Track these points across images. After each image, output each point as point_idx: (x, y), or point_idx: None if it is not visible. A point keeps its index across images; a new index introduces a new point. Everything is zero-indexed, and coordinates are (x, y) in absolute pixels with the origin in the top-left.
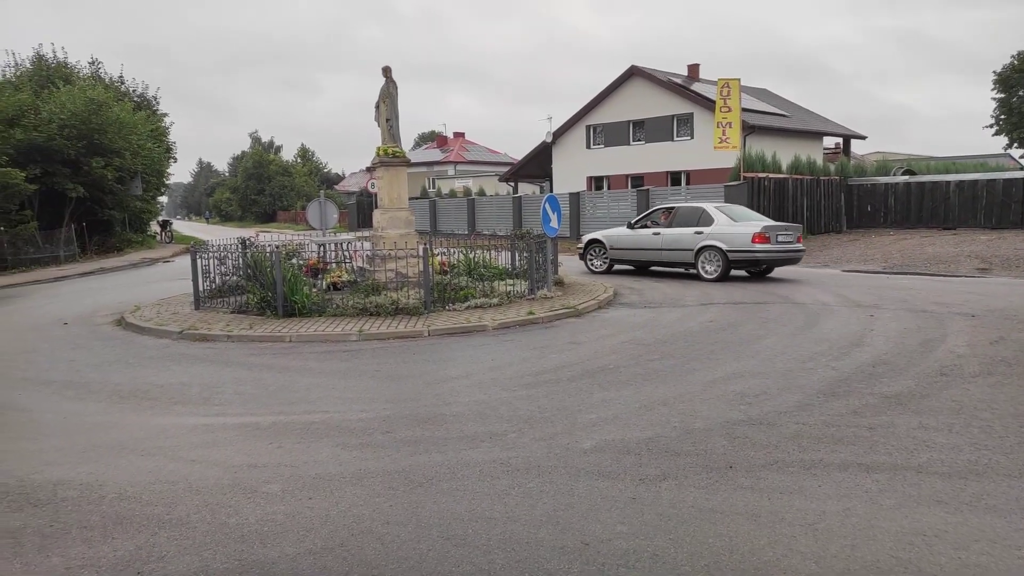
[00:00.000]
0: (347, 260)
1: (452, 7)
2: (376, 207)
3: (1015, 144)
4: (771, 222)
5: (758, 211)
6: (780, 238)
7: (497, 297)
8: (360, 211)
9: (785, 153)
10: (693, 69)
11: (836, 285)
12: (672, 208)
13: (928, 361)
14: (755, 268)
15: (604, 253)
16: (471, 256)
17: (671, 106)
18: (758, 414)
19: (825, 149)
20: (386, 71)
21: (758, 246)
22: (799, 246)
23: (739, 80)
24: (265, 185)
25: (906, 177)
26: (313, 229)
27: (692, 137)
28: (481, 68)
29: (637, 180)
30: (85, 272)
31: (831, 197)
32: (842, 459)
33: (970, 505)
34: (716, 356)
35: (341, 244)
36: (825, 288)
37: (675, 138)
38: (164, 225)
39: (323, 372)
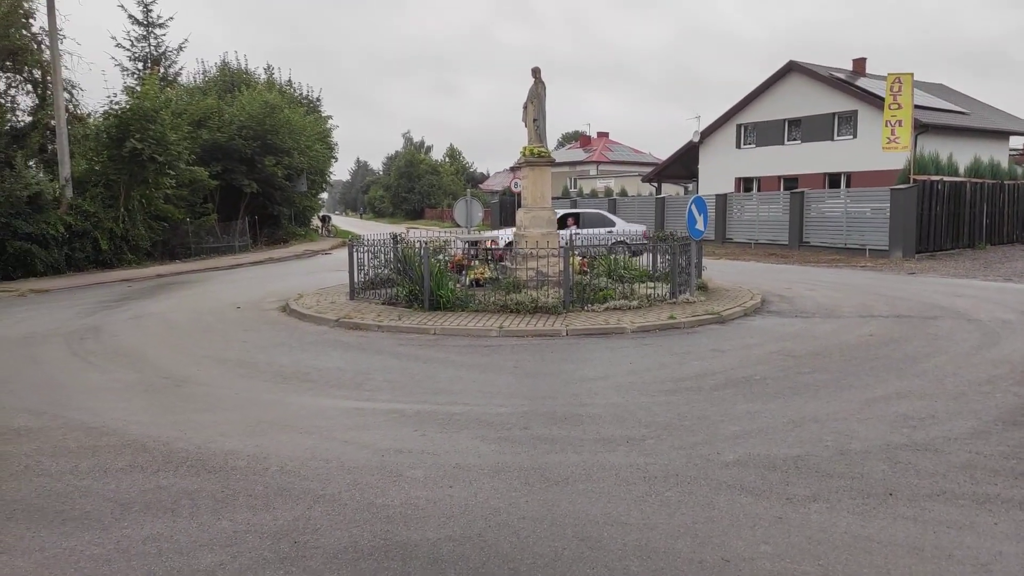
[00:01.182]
0: (490, 258)
1: (594, 6)
2: (519, 206)
3: None
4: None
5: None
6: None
7: (637, 299)
8: (503, 210)
9: (963, 154)
10: (859, 64)
11: (1019, 302)
12: (578, 213)
13: None
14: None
15: None
16: (611, 257)
17: (832, 103)
18: (924, 439)
19: (1012, 150)
20: (535, 72)
21: (644, 240)
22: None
23: (912, 75)
24: (415, 183)
25: None
26: (459, 226)
27: (855, 136)
28: (623, 67)
29: (790, 182)
30: (256, 261)
31: (1017, 203)
32: (1023, 495)
33: None
34: (876, 373)
35: (484, 242)
36: (1005, 305)
37: (835, 137)
38: (324, 220)
39: (464, 365)
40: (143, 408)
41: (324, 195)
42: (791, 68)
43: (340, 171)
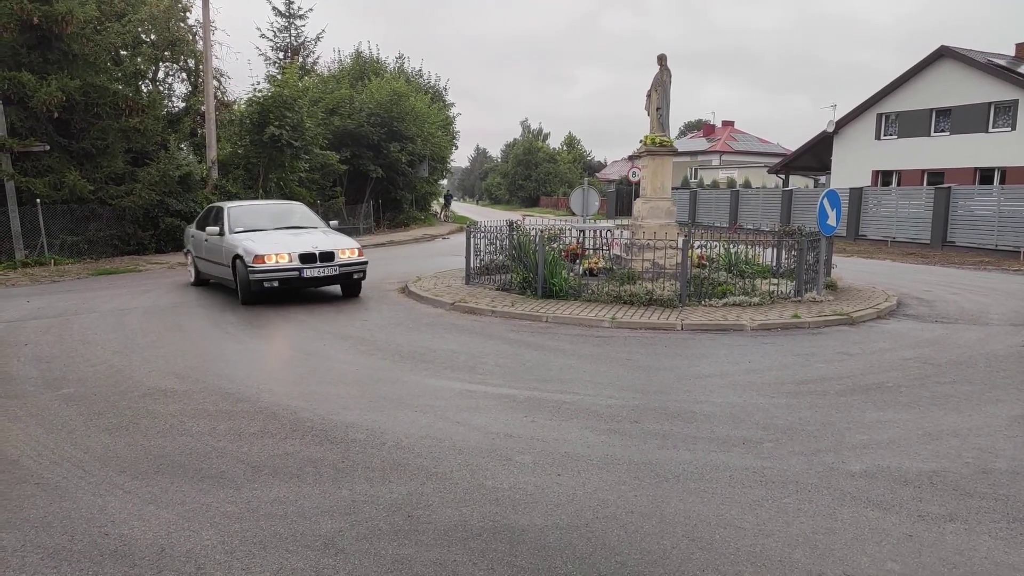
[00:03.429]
0: (605, 247)
1: None
2: (637, 196)
3: None
4: None
5: None
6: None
7: (758, 296)
8: (619, 199)
9: None
10: (1021, 48)
11: None
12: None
13: None
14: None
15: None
16: (732, 251)
17: (988, 92)
18: None
19: None
20: (661, 59)
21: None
22: None
23: None
24: (532, 171)
25: None
26: (574, 215)
27: (1013, 128)
28: (740, 54)
29: (935, 176)
30: (378, 243)
31: None
32: None
33: None
34: None
35: (600, 231)
36: None
37: (990, 129)
38: (447, 199)
39: (575, 354)
40: (273, 378)
41: (444, 181)
42: (942, 54)
43: (460, 158)
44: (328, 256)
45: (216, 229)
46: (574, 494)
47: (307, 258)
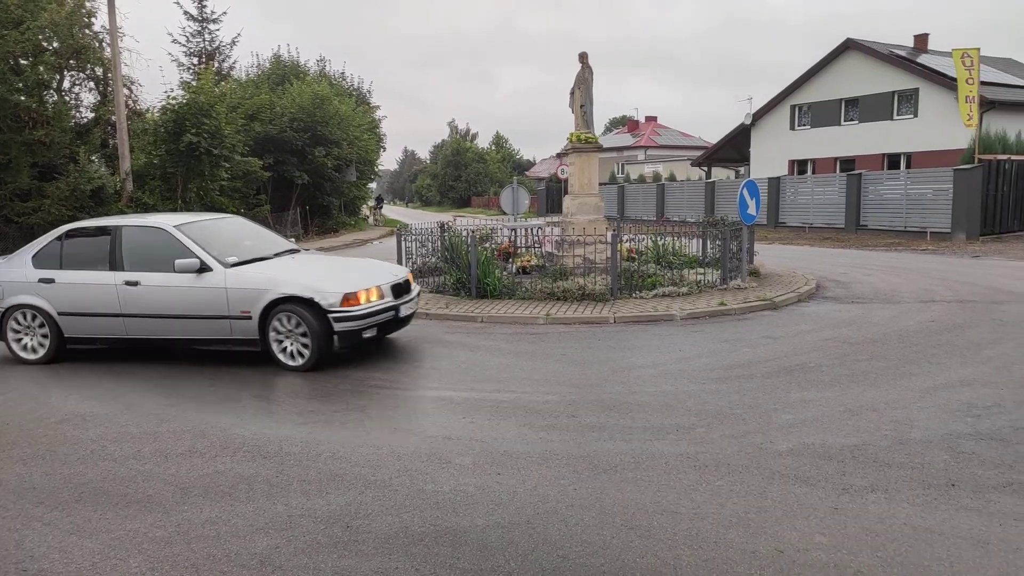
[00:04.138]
0: (537, 245)
1: None
2: (566, 193)
3: None
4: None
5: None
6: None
7: (686, 286)
8: (549, 197)
9: None
10: (920, 40)
11: None
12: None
13: None
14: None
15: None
16: (660, 243)
17: (892, 82)
18: (989, 428)
19: None
20: (582, 57)
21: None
22: None
23: (978, 50)
24: (462, 172)
25: None
26: (505, 214)
27: (915, 116)
28: (662, 51)
29: (847, 164)
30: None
31: None
32: None
33: None
34: (938, 360)
35: (531, 229)
36: None
37: (895, 117)
38: (379, 201)
39: (511, 353)
40: (198, 396)
41: (372, 185)
42: (848, 46)
43: (388, 160)
44: (408, 286)
45: (190, 263)
46: (514, 492)
47: (399, 291)
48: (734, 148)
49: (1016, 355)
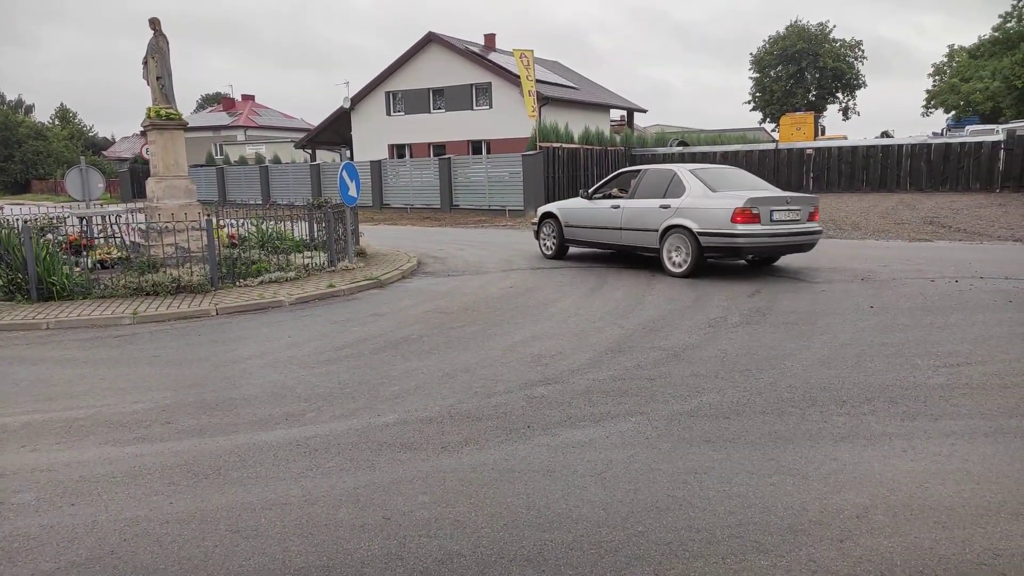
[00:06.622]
0: (118, 235)
1: None
2: (151, 175)
3: (767, 119)
4: (767, 192)
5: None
6: (777, 215)
7: (294, 270)
8: (135, 179)
9: (576, 124)
10: (489, 39)
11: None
12: (639, 171)
13: (698, 316)
14: (739, 257)
15: (556, 232)
16: (263, 228)
17: (470, 75)
18: (553, 373)
19: (612, 121)
20: (154, 23)
21: (740, 227)
22: (812, 226)
23: (532, 51)
24: (15, 151)
25: (680, 148)
26: (76, 200)
27: (491, 107)
28: (238, 26)
29: (439, 149)
30: None
31: (619, 166)
32: (626, 409)
33: (732, 442)
34: (516, 320)
35: (108, 217)
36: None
37: (475, 107)
38: None
39: (89, 361)
40: None
41: None
42: (430, 39)
43: None
44: None
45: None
46: (95, 522)
47: None
48: (336, 131)
49: (571, 310)
